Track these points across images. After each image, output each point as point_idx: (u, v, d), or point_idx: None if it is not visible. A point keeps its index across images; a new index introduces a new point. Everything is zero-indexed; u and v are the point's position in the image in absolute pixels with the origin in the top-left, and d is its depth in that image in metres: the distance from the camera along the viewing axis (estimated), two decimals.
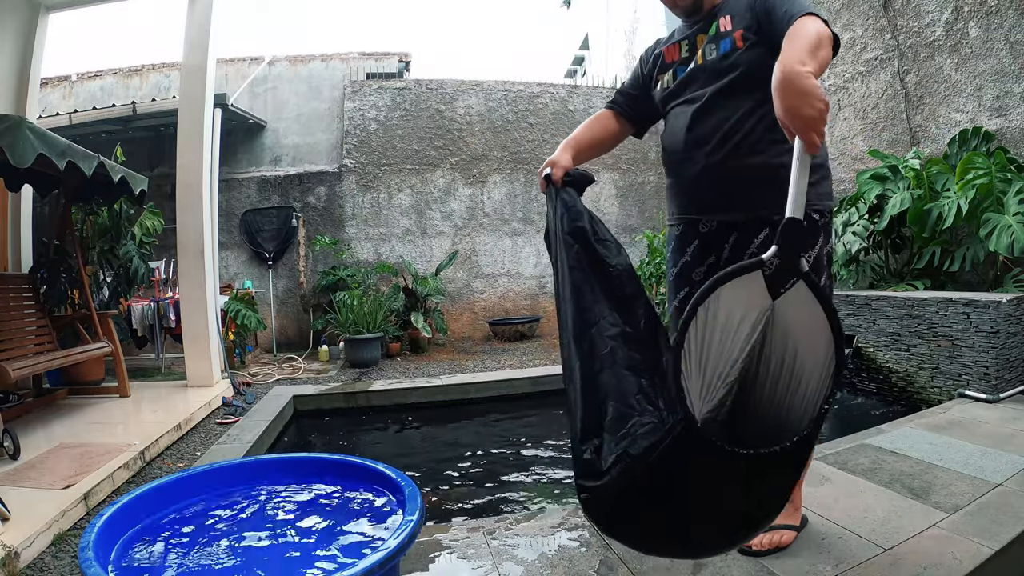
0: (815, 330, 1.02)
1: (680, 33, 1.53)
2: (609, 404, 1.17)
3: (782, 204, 1.30)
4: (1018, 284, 3.26)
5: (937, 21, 3.95)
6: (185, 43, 4.39)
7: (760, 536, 1.47)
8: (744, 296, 1.00)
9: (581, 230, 1.34)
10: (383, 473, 1.22)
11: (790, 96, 1.01)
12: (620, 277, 1.32)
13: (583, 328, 1.25)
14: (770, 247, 1.04)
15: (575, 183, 1.46)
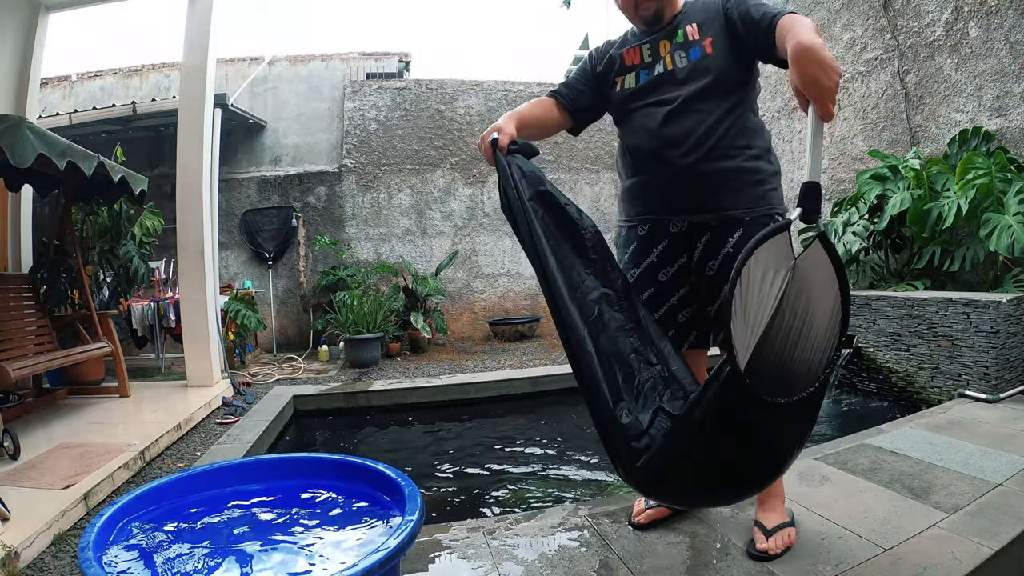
0: (826, 285, 1.12)
1: (637, 37, 1.54)
2: (615, 367, 1.23)
3: (753, 205, 1.44)
4: (1018, 284, 3.26)
5: (937, 21, 3.95)
6: (185, 43, 4.39)
7: (770, 541, 1.47)
8: (775, 255, 1.09)
9: (545, 194, 1.33)
10: (383, 473, 1.22)
11: (809, 65, 1.07)
12: (592, 239, 1.35)
13: (571, 294, 1.26)
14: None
15: (522, 152, 1.42)
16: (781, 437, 1.16)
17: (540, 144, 1.60)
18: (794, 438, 1.19)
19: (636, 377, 1.24)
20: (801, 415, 1.16)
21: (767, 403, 1.07)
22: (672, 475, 1.17)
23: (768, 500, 1.58)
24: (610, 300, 1.31)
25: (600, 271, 1.33)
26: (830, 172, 4.99)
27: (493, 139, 1.39)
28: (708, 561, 1.47)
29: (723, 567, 1.44)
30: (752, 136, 1.48)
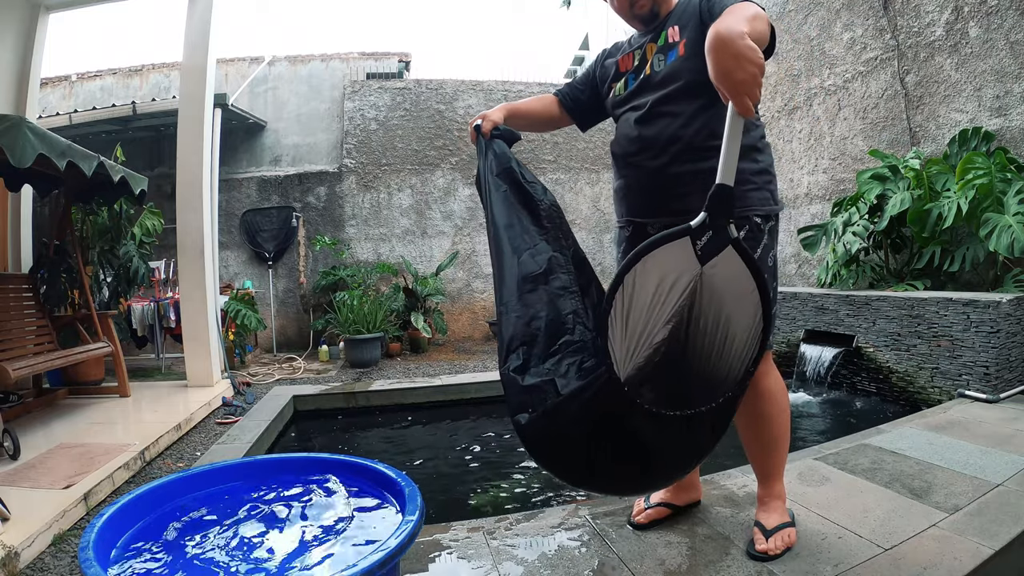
0: (744, 294, 1.09)
1: (635, 42, 1.55)
2: (541, 318, 1.26)
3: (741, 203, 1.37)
4: (1018, 284, 3.25)
5: (937, 21, 3.95)
6: (185, 43, 4.39)
7: (769, 542, 1.47)
8: (672, 263, 1.05)
9: (510, 171, 1.46)
10: (383, 473, 1.22)
11: (723, 58, 1.00)
12: (548, 211, 1.43)
13: (514, 251, 1.34)
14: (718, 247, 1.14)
15: (503, 137, 1.55)
16: (671, 444, 1.16)
17: (542, 145, 1.66)
18: (688, 447, 1.19)
19: (565, 336, 1.25)
20: (700, 427, 1.16)
21: (652, 413, 1.07)
22: (545, 448, 1.21)
23: (769, 501, 1.57)
24: (559, 262, 1.37)
25: (553, 238, 1.41)
26: (830, 172, 4.99)
27: (477, 125, 1.55)
28: (708, 561, 1.47)
29: (723, 567, 1.44)
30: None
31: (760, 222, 1.42)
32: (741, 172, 1.35)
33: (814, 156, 5.17)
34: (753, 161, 1.43)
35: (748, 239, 1.38)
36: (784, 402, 1.54)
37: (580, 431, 1.13)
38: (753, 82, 1.00)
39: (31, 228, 4.65)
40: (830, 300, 4.00)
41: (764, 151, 1.47)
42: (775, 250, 1.48)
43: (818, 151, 5.12)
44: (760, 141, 1.47)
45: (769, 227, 1.44)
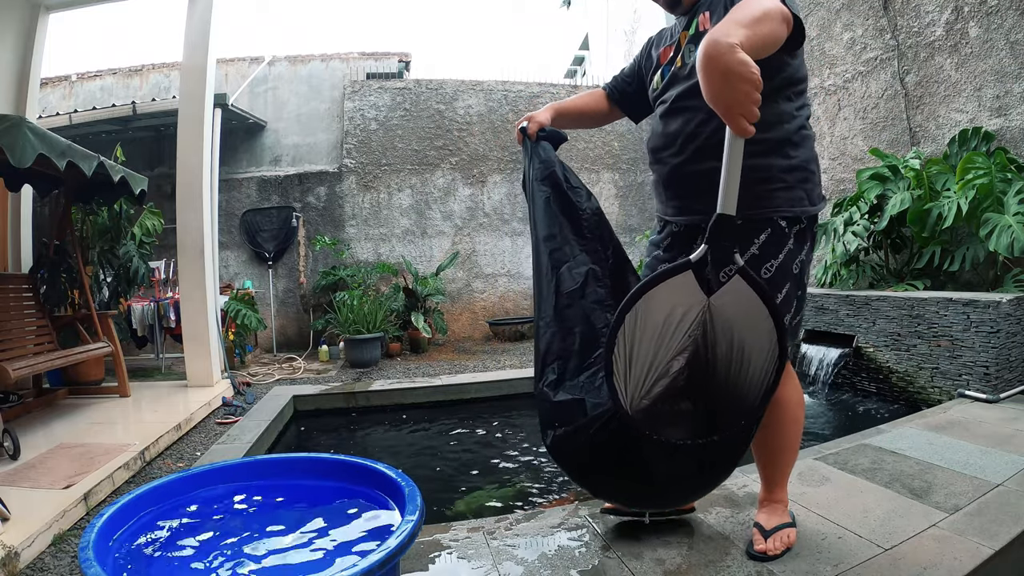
0: (757, 321, 1.07)
1: (675, 31, 1.50)
2: (576, 333, 1.28)
3: (748, 206, 1.27)
4: (1018, 284, 3.25)
5: (937, 21, 3.95)
6: (185, 43, 4.39)
7: (768, 542, 1.47)
8: (678, 297, 1.03)
9: (553, 175, 1.45)
10: (383, 473, 1.22)
11: (712, 76, 0.92)
12: (590, 220, 1.42)
13: (554, 266, 1.35)
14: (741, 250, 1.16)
15: (549, 139, 1.53)
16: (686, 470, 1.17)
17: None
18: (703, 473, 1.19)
19: (599, 350, 1.26)
20: (717, 454, 1.16)
21: (666, 442, 1.08)
22: (572, 462, 1.25)
23: (769, 504, 1.56)
24: (596, 276, 1.37)
25: (592, 249, 1.41)
26: (830, 172, 4.98)
27: (523, 127, 1.53)
28: (708, 561, 1.47)
29: (723, 567, 1.44)
30: (762, 128, 1.33)
31: (785, 225, 1.31)
32: (768, 169, 1.29)
33: None
34: (784, 157, 1.31)
35: (768, 244, 1.29)
36: (798, 413, 1.49)
37: (601, 452, 1.15)
38: (745, 101, 0.92)
39: (31, 228, 4.65)
40: (830, 300, 4.00)
41: (802, 144, 1.34)
42: (803, 255, 1.35)
43: (818, 151, 5.12)
44: (797, 134, 1.33)
45: (797, 230, 1.33)
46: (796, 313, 1.40)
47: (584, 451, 1.18)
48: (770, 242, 1.30)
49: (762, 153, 1.29)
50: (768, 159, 1.30)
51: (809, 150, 1.36)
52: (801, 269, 1.36)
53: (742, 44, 0.93)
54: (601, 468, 1.19)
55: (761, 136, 1.27)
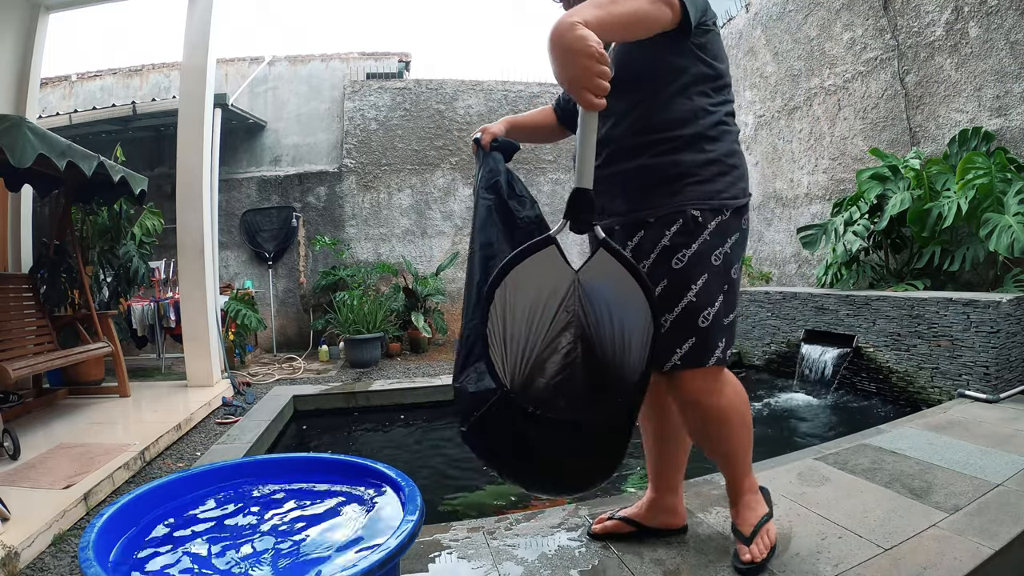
0: (631, 297, 1.06)
1: None
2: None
3: (659, 204, 1.30)
4: (1018, 284, 3.25)
5: (937, 21, 3.95)
6: (185, 43, 4.39)
7: (752, 548, 1.40)
8: (545, 271, 1.04)
9: (496, 185, 1.46)
10: (383, 473, 1.22)
11: (555, 54, 0.95)
12: (527, 228, 1.42)
13: (484, 273, 1.33)
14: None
15: (501, 149, 1.56)
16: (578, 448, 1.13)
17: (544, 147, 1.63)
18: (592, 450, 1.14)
19: None
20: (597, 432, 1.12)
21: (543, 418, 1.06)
22: (482, 449, 1.24)
23: (739, 498, 1.48)
24: None
25: None
26: (830, 172, 4.98)
27: (476, 138, 1.57)
28: (708, 561, 1.47)
29: (723, 567, 1.44)
30: (672, 126, 1.29)
31: (699, 215, 1.28)
32: (678, 165, 1.29)
33: (814, 156, 5.17)
34: (699, 151, 1.30)
35: (679, 234, 1.28)
36: (735, 418, 1.38)
37: (498, 433, 1.15)
38: (586, 75, 0.93)
39: (31, 228, 4.66)
40: (830, 300, 4.00)
41: (720, 139, 1.32)
42: (727, 248, 1.31)
43: (818, 151, 5.12)
44: (714, 129, 1.31)
45: (719, 222, 1.30)
46: (725, 309, 1.31)
47: (487, 434, 1.18)
48: (681, 232, 1.29)
49: (674, 149, 1.29)
50: (680, 155, 1.29)
51: (729, 144, 1.33)
52: (725, 261, 1.31)
53: (588, 22, 0.95)
54: (501, 450, 1.18)
55: (675, 132, 1.29)
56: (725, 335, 1.32)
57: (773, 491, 1.85)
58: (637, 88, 1.30)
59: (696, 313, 1.28)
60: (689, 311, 1.28)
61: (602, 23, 0.99)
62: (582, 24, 0.95)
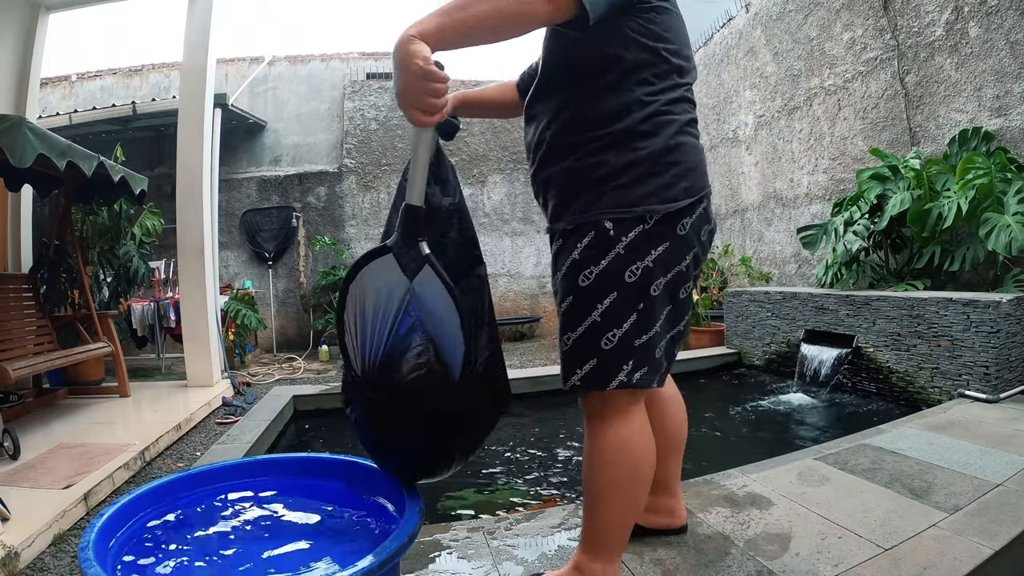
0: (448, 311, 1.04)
1: None
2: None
3: (581, 210, 1.17)
4: (1018, 284, 3.25)
5: (937, 21, 3.95)
6: (185, 43, 4.40)
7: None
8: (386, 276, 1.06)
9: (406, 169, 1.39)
10: (383, 473, 1.22)
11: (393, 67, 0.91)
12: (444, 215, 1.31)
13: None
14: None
15: (440, 127, 1.44)
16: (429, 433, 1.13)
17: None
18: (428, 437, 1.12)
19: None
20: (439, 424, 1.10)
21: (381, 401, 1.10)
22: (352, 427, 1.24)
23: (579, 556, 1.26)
24: None
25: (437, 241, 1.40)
26: (830, 172, 4.98)
27: None
28: (708, 561, 1.47)
29: (723, 567, 1.44)
30: (601, 123, 1.16)
31: (611, 228, 1.14)
32: (598, 168, 1.15)
33: (814, 156, 5.17)
34: (627, 151, 1.14)
35: (589, 248, 1.16)
36: (618, 468, 1.19)
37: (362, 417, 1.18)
38: (411, 92, 0.90)
39: (31, 228, 4.66)
40: (830, 300, 4.00)
41: (656, 133, 1.15)
42: (648, 262, 1.14)
43: (818, 151, 5.12)
44: (648, 121, 1.15)
45: (639, 232, 1.13)
46: (637, 329, 1.15)
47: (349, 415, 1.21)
48: (591, 246, 1.15)
49: (601, 149, 1.16)
50: (606, 155, 1.16)
51: (667, 139, 1.15)
52: (644, 277, 1.14)
53: (425, 34, 0.91)
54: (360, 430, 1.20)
55: (604, 130, 1.15)
56: (635, 357, 1.16)
57: (773, 491, 1.86)
58: (568, 84, 1.18)
59: (599, 334, 1.15)
60: (592, 331, 1.16)
61: (445, 31, 0.93)
62: (417, 37, 0.90)
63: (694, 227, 1.18)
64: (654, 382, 1.19)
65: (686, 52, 1.21)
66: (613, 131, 1.15)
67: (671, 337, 1.23)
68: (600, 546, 1.23)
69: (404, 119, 5.34)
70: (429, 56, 0.90)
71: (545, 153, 1.24)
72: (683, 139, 1.19)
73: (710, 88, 6.69)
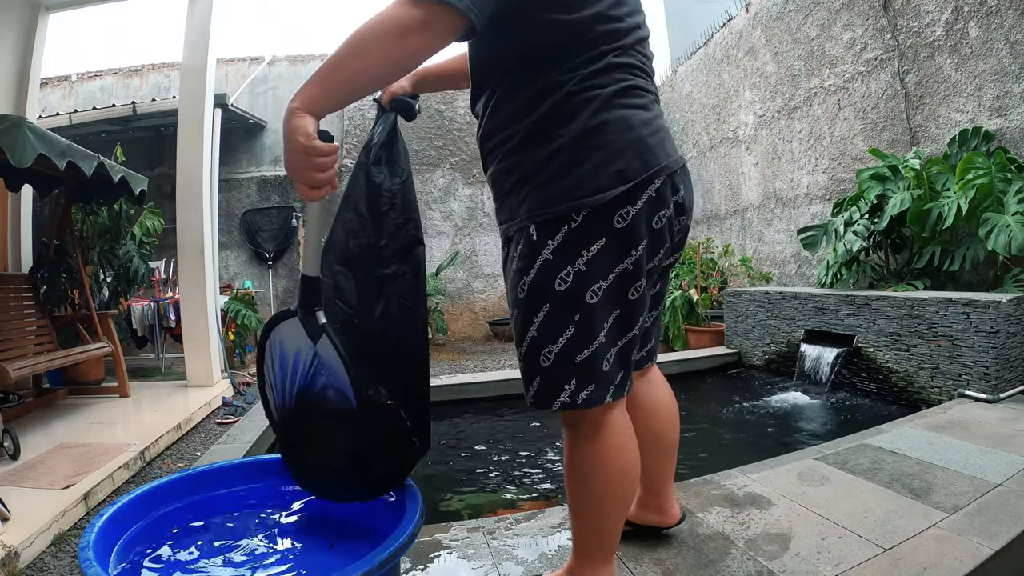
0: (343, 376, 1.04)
1: None
2: None
3: (512, 215, 1.10)
4: (1018, 284, 3.25)
5: (937, 21, 3.95)
6: (185, 43, 4.39)
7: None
8: (295, 336, 1.07)
9: (366, 147, 1.34)
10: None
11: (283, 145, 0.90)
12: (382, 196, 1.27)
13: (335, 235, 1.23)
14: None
15: (398, 108, 1.46)
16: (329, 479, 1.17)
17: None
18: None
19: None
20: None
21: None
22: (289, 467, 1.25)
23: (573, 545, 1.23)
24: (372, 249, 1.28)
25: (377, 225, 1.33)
26: (830, 172, 4.98)
27: (376, 98, 1.46)
28: (708, 561, 1.47)
29: (723, 567, 1.44)
30: (514, 120, 1.06)
31: (535, 232, 1.04)
32: (521, 165, 1.07)
33: (814, 156, 5.17)
34: (543, 142, 1.03)
35: (522, 257, 1.07)
36: (589, 471, 1.13)
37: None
38: (296, 170, 0.89)
39: (31, 228, 4.66)
40: (830, 300, 4.00)
41: (575, 116, 1.01)
42: (579, 265, 1.02)
43: (818, 151, 5.12)
44: (564, 105, 1.01)
45: (565, 234, 1.02)
46: (576, 343, 1.05)
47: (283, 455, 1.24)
48: (522, 255, 1.07)
49: (515, 148, 1.07)
50: (519, 154, 1.07)
51: (586, 120, 1.01)
52: (577, 283, 1.02)
53: (308, 103, 0.88)
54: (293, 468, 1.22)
55: (516, 127, 1.06)
56: (577, 376, 1.05)
57: (773, 491, 1.86)
58: (487, 84, 1.11)
59: (538, 351, 1.07)
60: (532, 347, 1.08)
61: (328, 97, 0.90)
62: (300, 110, 0.87)
63: (640, 216, 1.02)
64: (606, 398, 1.08)
65: (620, 11, 1.04)
66: (523, 125, 1.04)
67: (625, 344, 1.10)
68: (586, 553, 1.20)
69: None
70: (311, 131, 0.87)
71: (482, 157, 1.19)
72: (609, 115, 1.02)
73: (710, 88, 6.69)
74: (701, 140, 7.01)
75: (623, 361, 1.10)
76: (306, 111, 0.88)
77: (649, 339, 1.36)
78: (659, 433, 1.42)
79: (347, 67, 0.89)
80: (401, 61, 0.91)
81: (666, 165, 1.05)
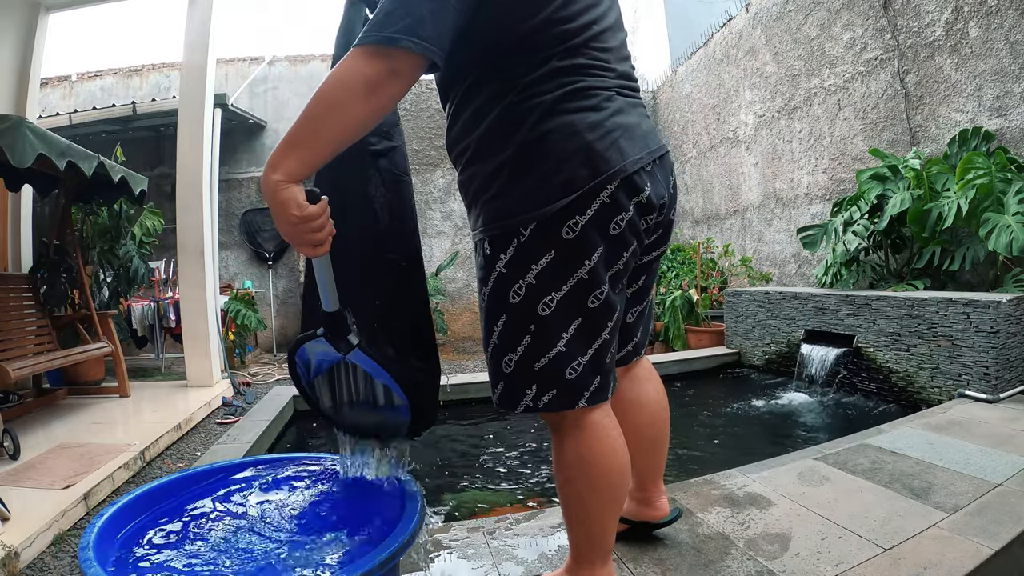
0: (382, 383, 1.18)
1: None
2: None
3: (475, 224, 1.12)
4: (1018, 284, 3.25)
5: (937, 21, 3.95)
6: (185, 43, 4.40)
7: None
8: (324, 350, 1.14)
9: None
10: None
11: (272, 215, 0.91)
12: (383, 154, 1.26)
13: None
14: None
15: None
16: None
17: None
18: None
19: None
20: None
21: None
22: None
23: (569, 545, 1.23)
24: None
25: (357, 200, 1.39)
26: (830, 172, 4.98)
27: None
28: (708, 561, 1.47)
29: (723, 567, 1.44)
30: (465, 134, 1.08)
31: (488, 247, 1.07)
32: (475, 178, 1.08)
33: (814, 156, 5.17)
34: (493, 152, 1.03)
35: (481, 268, 1.10)
36: (572, 472, 1.13)
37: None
38: (294, 239, 0.91)
39: (31, 228, 4.66)
40: (830, 300, 4.00)
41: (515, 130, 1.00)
42: (531, 278, 1.02)
43: (818, 151, 5.12)
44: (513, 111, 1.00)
45: (516, 247, 1.02)
46: (534, 352, 1.05)
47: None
48: (481, 266, 1.10)
49: (467, 164, 1.08)
50: (470, 168, 1.08)
51: (528, 129, 0.99)
52: (529, 295, 1.03)
53: (291, 173, 0.88)
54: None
55: (469, 139, 1.07)
56: (537, 382, 1.06)
57: (773, 491, 1.86)
58: (448, 93, 1.11)
59: (500, 357, 1.11)
60: (496, 353, 1.11)
61: (308, 161, 0.90)
62: (284, 182, 0.87)
63: (592, 224, 0.99)
64: (577, 404, 1.07)
65: (569, 10, 0.99)
66: (474, 138, 1.05)
67: (596, 350, 1.07)
68: (582, 553, 1.20)
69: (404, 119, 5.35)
70: (303, 201, 0.88)
71: (454, 159, 1.17)
72: (552, 123, 0.98)
73: (710, 88, 6.69)
74: (701, 140, 7.01)
75: (597, 367, 1.09)
76: (290, 182, 0.88)
77: (634, 334, 1.34)
78: (643, 429, 1.40)
79: (323, 127, 0.89)
80: (376, 113, 0.92)
81: (620, 168, 1.00)
